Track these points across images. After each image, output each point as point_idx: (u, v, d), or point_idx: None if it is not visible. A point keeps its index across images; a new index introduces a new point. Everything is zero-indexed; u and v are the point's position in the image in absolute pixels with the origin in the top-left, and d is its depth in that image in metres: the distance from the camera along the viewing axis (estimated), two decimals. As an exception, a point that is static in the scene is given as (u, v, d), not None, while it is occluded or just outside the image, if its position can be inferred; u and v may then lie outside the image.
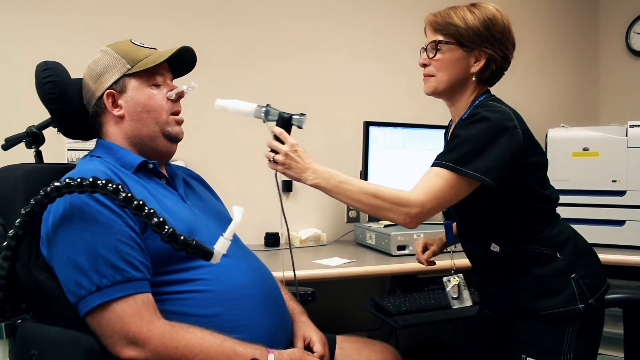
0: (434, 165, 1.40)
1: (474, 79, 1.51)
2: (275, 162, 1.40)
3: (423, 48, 1.55)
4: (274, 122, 1.42)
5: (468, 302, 1.76)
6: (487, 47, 1.46)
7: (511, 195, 1.45)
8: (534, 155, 1.47)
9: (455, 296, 1.76)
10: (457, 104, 1.55)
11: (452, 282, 1.75)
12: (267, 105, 1.41)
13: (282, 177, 1.44)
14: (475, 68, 1.48)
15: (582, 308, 1.40)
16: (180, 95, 1.39)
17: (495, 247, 1.51)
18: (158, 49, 1.41)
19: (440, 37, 1.50)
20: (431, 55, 1.51)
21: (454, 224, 1.76)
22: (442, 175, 1.36)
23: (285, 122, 1.41)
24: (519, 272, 1.48)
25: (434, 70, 1.51)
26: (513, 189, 1.44)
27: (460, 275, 1.76)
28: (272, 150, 1.41)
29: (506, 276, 1.52)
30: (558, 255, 1.45)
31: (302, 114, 1.41)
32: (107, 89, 1.31)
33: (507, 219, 1.49)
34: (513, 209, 1.47)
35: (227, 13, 2.58)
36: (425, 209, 1.35)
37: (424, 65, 1.54)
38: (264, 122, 1.41)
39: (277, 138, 1.40)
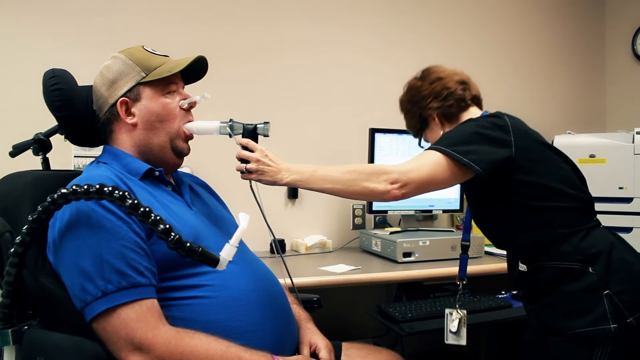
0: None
1: (440, 123, 1.68)
2: (248, 172, 1.40)
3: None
4: (240, 136, 1.42)
5: (463, 342, 1.74)
6: (425, 111, 1.68)
7: (520, 192, 1.43)
8: (539, 152, 1.47)
9: (454, 330, 1.74)
10: None
11: (455, 316, 1.74)
12: (230, 120, 1.41)
13: (259, 186, 1.43)
14: (436, 131, 1.68)
15: (613, 328, 1.30)
16: (192, 105, 1.40)
17: (522, 267, 1.49)
18: (164, 52, 1.42)
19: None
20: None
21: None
22: (428, 154, 1.42)
23: (251, 132, 1.42)
24: (548, 290, 1.43)
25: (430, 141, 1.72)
26: (519, 184, 1.42)
27: (464, 311, 1.73)
28: (243, 161, 1.40)
29: (538, 294, 1.47)
30: (590, 270, 1.36)
31: (265, 122, 1.42)
32: (121, 97, 1.32)
33: (526, 222, 1.45)
34: (528, 208, 1.43)
35: (231, 17, 2.60)
36: (406, 176, 1.36)
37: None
38: (230, 137, 1.41)
39: (244, 148, 1.40)
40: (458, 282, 1.83)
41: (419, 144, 1.74)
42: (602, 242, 1.42)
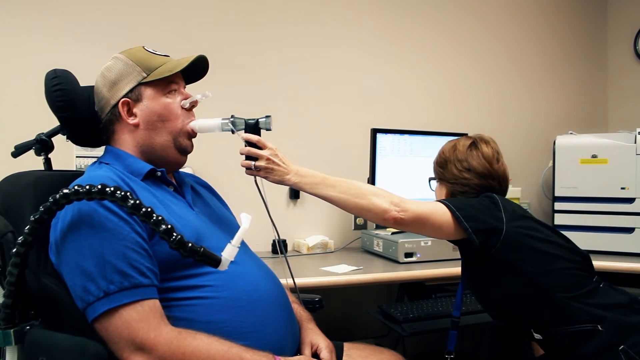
0: None
1: (445, 194, 1.71)
2: (256, 168, 1.42)
3: None
4: (243, 131, 1.43)
5: None
6: (445, 180, 1.71)
7: (516, 259, 1.47)
8: (528, 224, 1.52)
9: None
10: None
11: None
12: (232, 116, 1.42)
13: (265, 183, 1.46)
14: (439, 194, 1.74)
15: None
16: (193, 104, 1.40)
17: (537, 336, 1.52)
18: (165, 52, 1.42)
19: None
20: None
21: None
22: (432, 201, 1.53)
23: (253, 127, 1.43)
24: (568, 354, 1.45)
25: None
26: (514, 251, 1.47)
27: None
28: (249, 158, 1.42)
29: (559, 358, 1.50)
30: (599, 328, 1.39)
31: (267, 116, 1.43)
32: (123, 98, 1.32)
33: (528, 290, 1.48)
34: (526, 275, 1.47)
35: (232, 15, 2.60)
36: (406, 204, 1.45)
37: None
38: (232, 133, 1.42)
39: (249, 144, 1.42)
40: (446, 356, 1.82)
41: (429, 182, 1.82)
42: (605, 300, 1.45)
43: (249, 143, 1.42)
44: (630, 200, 2.39)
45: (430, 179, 1.81)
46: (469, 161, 1.65)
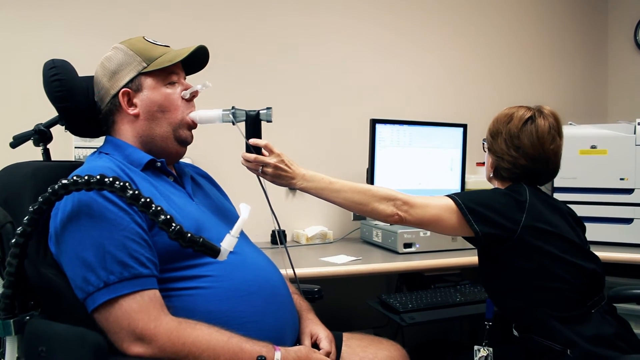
0: None
1: (491, 175, 1.69)
2: (263, 173, 1.44)
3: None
4: (244, 123, 1.43)
5: None
6: (492, 151, 1.64)
7: (519, 267, 1.47)
8: (546, 233, 1.46)
9: None
10: None
11: (482, 353, 1.71)
12: (233, 107, 1.41)
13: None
14: (488, 166, 1.68)
15: None
16: (194, 95, 1.39)
17: (515, 332, 1.55)
18: (164, 42, 1.41)
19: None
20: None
21: None
22: (443, 197, 1.50)
23: (254, 119, 1.43)
24: None
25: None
26: (520, 259, 1.46)
27: (491, 349, 1.68)
28: (249, 151, 1.43)
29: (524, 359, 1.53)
30: (568, 353, 1.40)
31: (268, 108, 1.43)
32: (123, 88, 1.31)
33: (523, 297, 1.49)
34: (525, 284, 1.47)
35: (232, 6, 2.58)
36: (410, 208, 1.46)
37: None
38: (233, 124, 1.41)
39: (248, 149, 1.43)
40: (485, 323, 1.78)
41: (483, 143, 1.75)
42: (587, 329, 1.42)
43: (255, 147, 1.42)
44: (630, 191, 2.39)
45: (484, 140, 1.72)
46: (521, 138, 1.55)
